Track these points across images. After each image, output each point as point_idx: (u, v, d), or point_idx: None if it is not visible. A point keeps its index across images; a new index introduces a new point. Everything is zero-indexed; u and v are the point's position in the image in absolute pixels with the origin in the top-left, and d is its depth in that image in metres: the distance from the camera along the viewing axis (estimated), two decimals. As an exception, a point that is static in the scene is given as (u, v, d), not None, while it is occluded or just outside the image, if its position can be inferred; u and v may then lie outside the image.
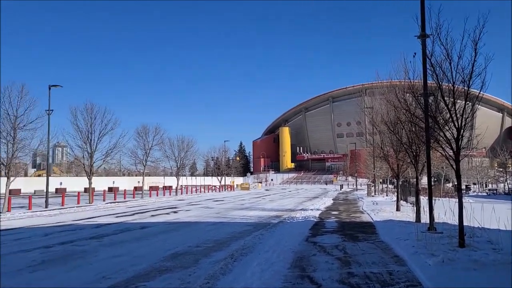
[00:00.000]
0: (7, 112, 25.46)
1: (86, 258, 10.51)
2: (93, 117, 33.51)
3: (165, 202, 37.83)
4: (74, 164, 79.10)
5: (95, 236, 14.75)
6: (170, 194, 50.89)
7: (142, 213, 25.15)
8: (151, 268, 9.25)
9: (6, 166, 25.67)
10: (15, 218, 22.29)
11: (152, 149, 44.38)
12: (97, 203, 32.23)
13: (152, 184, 67.81)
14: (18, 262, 10.13)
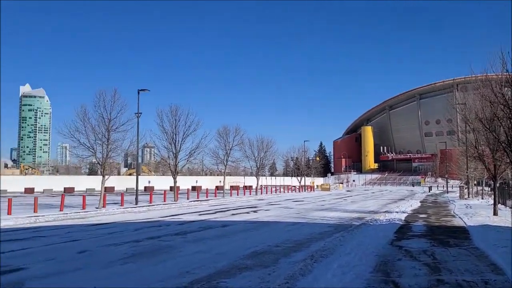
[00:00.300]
0: (102, 116, 27.51)
1: (171, 253, 10.95)
2: (177, 118, 35.10)
3: (245, 201, 38.50)
4: (161, 163, 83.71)
5: (179, 232, 15.37)
6: (250, 193, 51.69)
7: (223, 211, 25.79)
8: (231, 265, 9.36)
9: (102, 165, 27.82)
10: (110, 214, 24.08)
11: (232, 149, 45.42)
12: (182, 201, 33.69)
13: (232, 184, 69.41)
14: (111, 254, 10.84)
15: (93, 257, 10.58)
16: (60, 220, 20.52)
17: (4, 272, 8.73)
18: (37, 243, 12.94)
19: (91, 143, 27.13)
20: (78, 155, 29.04)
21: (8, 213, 21.56)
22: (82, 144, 27.06)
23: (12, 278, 8.23)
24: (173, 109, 35.09)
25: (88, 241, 13.43)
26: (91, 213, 23.63)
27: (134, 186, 33.01)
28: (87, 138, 27.02)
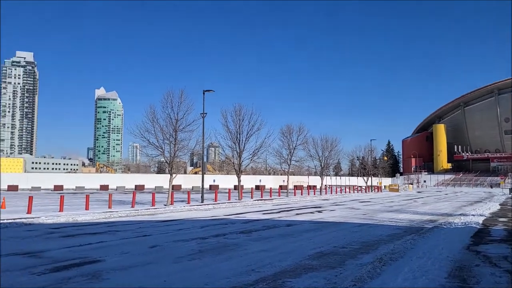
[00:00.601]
0: (170, 116, 28.57)
1: (237, 251, 11.05)
2: (241, 118, 35.52)
3: (309, 201, 38.10)
4: (225, 163, 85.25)
5: (244, 230, 15.50)
6: (314, 193, 51.12)
7: (287, 211, 25.68)
8: (296, 265, 9.27)
9: (170, 164, 28.86)
10: (177, 211, 24.91)
11: (296, 148, 45.10)
12: (246, 200, 34.06)
13: (296, 183, 69.14)
14: (179, 250, 11.16)
15: (163, 252, 10.96)
16: (132, 216, 21.54)
17: (83, 263, 9.31)
18: (112, 237, 13.66)
19: (160, 143, 28.29)
20: (147, 154, 30.39)
21: (86, 208, 23.08)
22: (151, 143, 28.28)
23: (90, 269, 8.74)
24: (237, 109, 35.62)
25: (158, 237, 13.95)
26: (160, 210, 24.59)
27: (199, 184, 33.99)
28: (156, 138, 28.21)
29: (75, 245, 11.83)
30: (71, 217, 19.58)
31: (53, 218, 18.88)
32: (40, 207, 24.40)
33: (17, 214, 19.68)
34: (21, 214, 19.91)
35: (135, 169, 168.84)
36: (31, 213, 20.11)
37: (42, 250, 10.92)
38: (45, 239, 13.33)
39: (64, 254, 10.36)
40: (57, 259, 9.78)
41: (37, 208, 22.88)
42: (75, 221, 18.85)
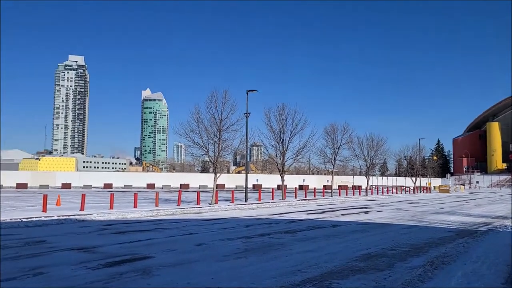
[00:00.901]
0: (214, 116, 28.94)
1: (282, 251, 11.01)
2: (284, 117, 35.34)
3: (354, 201, 37.42)
4: (268, 162, 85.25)
5: (289, 230, 15.44)
6: (359, 194, 50.16)
7: (332, 211, 25.34)
8: (343, 267, 9.12)
9: (214, 163, 29.24)
10: (222, 210, 25.20)
11: (340, 148, 44.38)
12: (289, 200, 33.93)
13: (340, 183, 68.04)
14: (225, 249, 11.27)
15: (209, 250, 11.11)
16: (178, 214, 22.02)
17: (134, 259, 9.61)
18: (160, 235, 14.02)
19: (204, 143, 28.71)
20: (192, 154, 30.94)
21: (134, 206, 23.84)
22: (196, 143, 28.77)
23: (141, 265, 9.01)
24: (280, 108, 35.51)
25: (204, 235, 14.17)
26: (204, 208, 24.98)
27: (242, 183, 34.21)
28: (201, 138, 28.66)
29: (125, 242, 12.24)
30: (121, 215, 20.29)
31: (104, 215, 19.64)
32: (92, 204, 25.46)
33: (71, 211, 20.64)
34: (75, 211, 20.85)
35: (180, 168, 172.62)
36: (84, 210, 21.02)
37: (96, 246, 11.38)
38: (98, 235, 13.89)
39: (116, 250, 10.74)
40: (110, 254, 10.16)
41: (89, 206, 23.88)
42: (125, 219, 19.51)
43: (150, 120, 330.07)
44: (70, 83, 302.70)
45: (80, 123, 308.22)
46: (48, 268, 8.60)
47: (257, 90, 31.79)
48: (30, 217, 17.82)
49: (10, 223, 16.24)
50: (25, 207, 23.18)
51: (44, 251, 10.66)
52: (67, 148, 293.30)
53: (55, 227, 15.94)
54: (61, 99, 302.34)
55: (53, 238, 12.98)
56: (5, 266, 8.84)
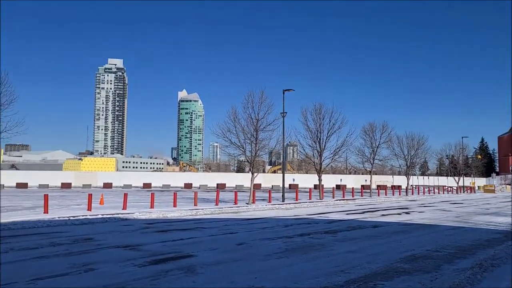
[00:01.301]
0: (251, 116, 29.06)
1: (323, 251, 10.93)
2: (321, 117, 35.05)
3: (394, 202, 36.62)
4: (304, 162, 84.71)
5: (329, 231, 15.30)
6: (399, 194, 49.04)
7: (372, 211, 24.90)
8: (387, 268, 8.95)
9: (251, 163, 29.36)
10: (259, 209, 25.28)
11: (379, 147, 43.54)
12: (327, 200, 33.61)
13: (379, 183, 66.70)
14: (266, 248, 11.31)
15: (250, 249, 11.18)
16: (217, 214, 22.27)
17: (178, 257, 9.82)
18: (201, 234, 14.23)
19: (241, 142, 28.88)
20: (229, 154, 31.22)
21: (174, 205, 24.31)
22: (233, 143, 28.99)
23: (185, 263, 9.19)
24: (317, 108, 35.23)
25: (244, 234, 14.27)
26: (242, 208, 25.14)
27: (278, 183, 34.20)
28: (238, 138, 28.84)
29: (168, 240, 12.51)
30: (162, 214, 20.74)
31: (145, 214, 20.15)
32: (133, 203, 26.16)
33: (114, 210, 21.29)
34: (117, 210, 21.49)
35: (216, 168, 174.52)
36: (126, 209, 21.63)
37: (140, 244, 11.69)
38: (141, 233, 14.26)
39: (160, 248, 11.00)
40: (154, 252, 10.41)
41: (131, 204, 24.55)
42: (165, 217, 19.93)
43: (186, 121, 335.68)
44: (110, 86, 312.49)
45: (119, 124, 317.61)
46: (98, 264, 8.92)
47: (293, 90, 31.68)
48: (76, 215, 18.52)
49: (58, 221, 16.94)
50: (71, 206, 24.11)
51: (92, 248, 11.06)
52: (107, 148, 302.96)
53: (100, 225, 16.50)
54: (101, 101, 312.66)
55: (99, 236, 13.44)
56: (58, 262, 9.25)
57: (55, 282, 7.45)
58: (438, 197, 46.87)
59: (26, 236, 13.29)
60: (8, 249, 10.77)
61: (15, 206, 23.70)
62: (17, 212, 19.96)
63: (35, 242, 11.88)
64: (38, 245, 11.38)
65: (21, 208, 22.33)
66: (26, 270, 8.34)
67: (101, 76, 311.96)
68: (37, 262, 9.24)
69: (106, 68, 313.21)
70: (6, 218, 17.05)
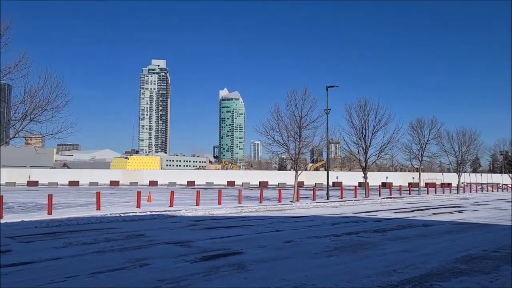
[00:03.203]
0: (294, 114, 28.86)
1: (373, 250, 10.70)
2: (366, 113, 34.24)
3: (445, 200, 35.30)
4: (348, 159, 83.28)
5: (378, 229, 14.96)
6: (450, 191, 47.22)
7: (422, 210, 24.14)
8: (443, 268, 8.65)
9: (295, 161, 29.21)
10: (304, 207, 25.13)
11: (428, 143, 42.04)
12: (373, 198, 32.90)
13: (428, 181, 64.41)
14: (314, 246, 11.22)
15: (298, 247, 11.12)
16: (261, 211, 22.34)
17: (227, 254, 9.93)
18: (248, 231, 14.32)
19: (284, 140, 28.75)
20: (272, 152, 31.22)
21: (219, 203, 24.60)
22: (276, 141, 28.93)
23: (235, 260, 9.27)
24: (362, 104, 34.46)
25: (290, 232, 14.22)
26: (286, 206, 25.08)
27: (321, 181, 33.88)
28: (281, 136, 28.74)
29: (217, 237, 12.68)
30: (207, 211, 21.07)
31: (192, 212, 20.53)
32: (178, 201, 26.71)
33: (161, 207, 21.84)
34: (165, 207, 22.03)
35: (257, 165, 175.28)
36: (173, 207, 22.13)
37: (190, 240, 11.92)
38: (189, 230, 14.55)
39: (209, 245, 11.16)
40: (204, 249, 10.58)
41: (177, 202, 25.07)
42: (211, 215, 20.22)
43: (227, 119, 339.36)
44: (153, 86, 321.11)
45: (163, 123, 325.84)
46: (152, 260, 9.18)
47: (337, 86, 31.25)
48: (126, 212, 19.17)
49: (110, 217, 17.59)
50: (120, 203, 24.96)
51: (145, 244, 11.39)
52: (151, 147, 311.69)
53: (150, 222, 16.97)
54: (145, 101, 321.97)
55: (150, 232, 13.82)
56: (114, 257, 9.61)
57: (113, 276, 7.74)
58: (492, 195, 44.74)
59: (82, 231, 13.89)
60: (67, 244, 11.30)
61: (69, 203, 24.84)
62: (71, 209, 20.91)
63: (91, 238, 12.40)
64: (94, 241, 11.87)
65: (75, 205, 23.38)
66: (86, 264, 8.71)
67: (145, 77, 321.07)
68: (95, 256, 9.63)
69: (149, 69, 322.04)
70: (62, 215, 17.92)
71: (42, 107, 16.94)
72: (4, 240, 12.10)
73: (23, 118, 16.84)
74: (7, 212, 18.66)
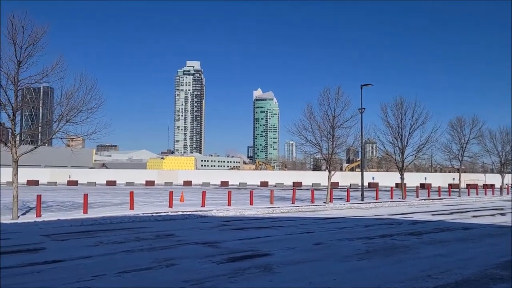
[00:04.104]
0: (327, 113, 28.36)
1: (408, 254, 10.27)
2: (403, 112, 33.22)
3: (487, 202, 33.74)
4: (384, 159, 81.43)
5: (413, 232, 14.40)
6: (492, 193, 45.13)
7: (461, 212, 23.14)
8: (481, 274, 8.22)
9: (328, 161, 28.73)
10: (337, 208, 24.64)
11: (469, 143, 40.32)
12: (410, 199, 31.92)
13: (469, 182, 61.95)
14: (345, 249, 10.89)
15: (328, 249, 10.83)
16: (293, 212, 22.07)
17: (255, 256, 9.78)
18: (277, 232, 14.11)
19: (317, 140, 28.31)
20: (305, 152, 30.82)
21: (250, 203, 24.50)
22: (309, 141, 28.53)
23: (262, 261, 9.11)
24: (398, 102, 33.42)
25: (321, 234, 13.91)
26: (319, 207, 24.68)
27: (356, 181, 33.12)
28: (313, 135, 28.32)
29: (245, 238, 12.56)
30: (239, 212, 21.01)
31: (223, 212, 20.53)
32: (211, 201, 26.81)
33: (193, 207, 21.98)
34: (196, 207, 22.16)
35: (291, 166, 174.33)
36: (205, 207, 22.22)
37: (218, 241, 11.85)
38: (219, 231, 14.50)
39: (237, 246, 11.05)
40: (232, 250, 10.47)
41: (209, 202, 25.16)
42: (242, 215, 20.13)
43: (261, 119, 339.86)
44: (188, 87, 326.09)
45: (198, 124, 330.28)
46: (179, 260, 9.16)
47: (372, 84, 30.46)
48: (158, 212, 19.40)
49: (142, 217, 17.84)
50: (154, 203, 25.33)
51: (174, 244, 11.42)
52: (186, 148, 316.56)
53: (180, 222, 17.08)
54: (180, 102, 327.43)
55: (179, 232, 13.88)
56: (142, 256, 9.67)
57: (139, 276, 7.76)
58: (540, 197, 42.39)
59: (114, 230, 14.12)
60: (98, 243, 11.49)
61: (105, 202, 25.45)
62: (106, 208, 21.40)
63: (122, 237, 12.57)
64: (125, 240, 12.02)
65: (110, 204, 23.92)
66: (114, 263, 8.79)
67: (180, 78, 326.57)
68: (124, 255, 9.73)
69: (184, 70, 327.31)
70: (97, 214, 18.35)
71: (78, 109, 17.34)
72: (40, 238, 12.48)
73: (60, 119, 17.32)
74: (46, 211, 19.32)
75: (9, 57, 15.94)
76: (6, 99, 16.08)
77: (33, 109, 20.00)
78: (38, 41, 16.33)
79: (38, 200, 17.59)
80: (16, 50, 15.96)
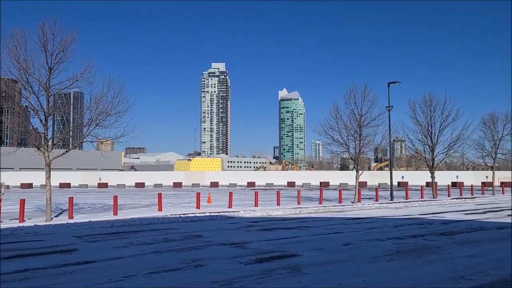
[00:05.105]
0: (353, 112, 27.95)
1: (439, 254, 10.02)
2: (432, 109, 32.39)
3: (524, 200, 32.56)
4: (414, 158, 79.75)
5: (445, 232, 14.03)
6: (528, 191, 43.54)
7: (496, 211, 22.40)
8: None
9: (355, 160, 28.34)
10: (365, 208, 24.29)
11: (502, 139, 38.99)
12: (441, 198, 31.13)
13: (503, 180, 59.86)
14: (375, 249, 10.72)
15: (357, 250, 10.68)
16: (321, 213, 21.88)
17: (282, 256, 9.75)
18: (305, 233, 14.02)
19: (344, 139, 27.96)
20: (332, 151, 30.45)
21: (277, 204, 24.46)
22: (335, 140, 28.20)
23: (290, 262, 9.07)
24: (427, 99, 32.58)
25: (350, 234, 13.74)
26: (347, 207, 24.39)
27: (385, 181, 32.58)
28: (340, 135, 27.97)
29: (273, 239, 12.53)
30: (265, 212, 21.00)
31: (250, 213, 20.57)
32: (238, 202, 26.93)
33: (220, 208, 22.12)
34: (224, 208, 22.29)
35: (318, 166, 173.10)
36: (232, 208, 22.32)
37: (246, 242, 11.88)
38: (246, 231, 14.52)
39: (265, 247, 11.04)
40: (259, 251, 10.47)
41: (236, 203, 25.27)
42: (269, 216, 20.11)
43: (287, 119, 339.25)
44: (214, 89, 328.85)
45: (224, 125, 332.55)
46: (207, 261, 9.23)
47: (399, 82, 29.90)
48: (186, 213, 19.61)
49: (170, 218, 18.08)
50: (182, 204, 25.63)
51: (201, 245, 11.51)
52: (213, 149, 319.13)
53: (208, 223, 17.20)
54: (206, 104, 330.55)
55: (207, 233, 13.98)
56: (171, 257, 9.80)
57: (168, 276, 7.86)
58: None
59: (143, 232, 14.36)
60: (128, 244, 11.71)
61: (134, 204, 25.94)
62: (135, 210, 21.79)
63: (151, 238, 12.76)
64: (154, 241, 12.20)
65: (139, 206, 24.36)
66: (143, 264, 8.93)
67: (205, 80, 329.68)
68: (153, 256, 9.87)
69: (210, 72, 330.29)
70: (126, 215, 18.70)
71: (106, 113, 17.76)
72: (72, 239, 12.82)
73: (90, 123, 17.77)
74: (77, 213, 19.85)
75: (40, 64, 16.51)
76: (39, 104, 16.67)
77: (64, 114, 20.60)
78: (68, 47, 16.84)
79: (70, 202, 18.09)
80: (47, 57, 16.51)
